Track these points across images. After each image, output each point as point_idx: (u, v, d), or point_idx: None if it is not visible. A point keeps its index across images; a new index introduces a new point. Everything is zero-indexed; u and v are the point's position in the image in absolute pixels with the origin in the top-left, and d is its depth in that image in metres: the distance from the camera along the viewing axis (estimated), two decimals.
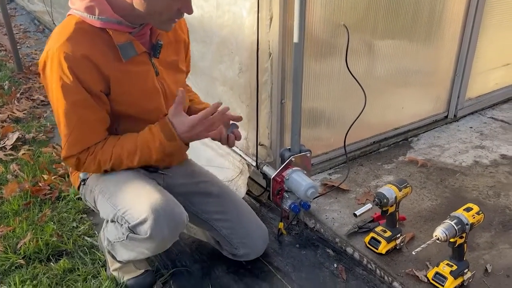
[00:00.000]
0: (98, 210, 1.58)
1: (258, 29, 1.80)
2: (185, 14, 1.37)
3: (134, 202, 1.39)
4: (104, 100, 1.38)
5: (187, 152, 1.83)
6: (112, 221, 1.47)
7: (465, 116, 2.85)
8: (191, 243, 1.93)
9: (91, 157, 1.42)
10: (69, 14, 1.36)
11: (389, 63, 2.29)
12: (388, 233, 1.71)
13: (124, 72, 1.38)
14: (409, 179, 2.17)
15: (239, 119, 1.58)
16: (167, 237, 1.38)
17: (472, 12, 2.49)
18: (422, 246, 1.42)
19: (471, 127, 2.73)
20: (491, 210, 1.96)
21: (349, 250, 1.80)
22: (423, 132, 2.66)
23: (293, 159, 1.83)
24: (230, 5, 1.90)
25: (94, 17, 1.30)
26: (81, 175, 1.60)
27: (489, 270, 1.62)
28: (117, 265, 1.67)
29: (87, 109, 1.35)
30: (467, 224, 1.45)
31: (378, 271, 1.68)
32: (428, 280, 1.57)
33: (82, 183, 1.60)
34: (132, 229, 1.37)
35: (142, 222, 1.34)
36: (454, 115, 2.77)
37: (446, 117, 2.76)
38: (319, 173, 2.22)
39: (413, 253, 1.42)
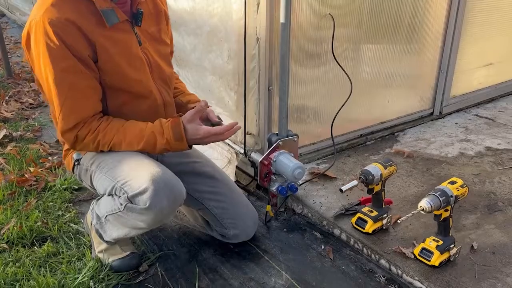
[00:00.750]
0: (94, 188, 1.57)
1: (246, 14, 1.84)
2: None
3: (134, 173, 1.38)
4: (93, 67, 1.37)
5: None
6: (110, 194, 1.46)
7: (450, 113, 2.90)
8: (178, 229, 1.92)
9: (91, 137, 1.40)
10: None
11: (374, 60, 2.34)
12: (375, 213, 1.72)
13: (108, 38, 1.37)
14: None
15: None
16: (165, 208, 1.37)
17: (454, 11, 2.56)
18: (407, 215, 1.43)
19: (456, 123, 2.77)
20: (476, 195, 1.98)
21: (336, 231, 1.80)
22: (409, 128, 2.70)
23: (280, 143, 1.84)
24: None
25: None
26: (75, 155, 1.60)
27: (475, 247, 1.63)
28: (103, 246, 1.65)
29: (77, 75, 1.33)
30: (451, 196, 1.46)
31: (365, 250, 1.68)
32: (415, 256, 1.57)
33: (76, 163, 1.59)
34: (131, 199, 1.36)
35: (141, 192, 1.34)
36: (440, 112, 2.81)
37: (432, 113, 2.80)
38: (307, 163, 2.23)
39: (398, 221, 1.43)
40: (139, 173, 1.37)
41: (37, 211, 2.01)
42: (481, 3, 2.72)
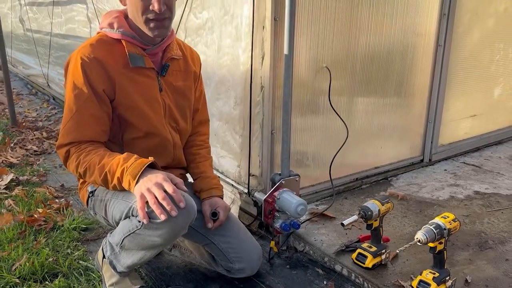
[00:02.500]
0: (107, 219, 1.66)
1: (252, 66, 2.03)
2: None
3: None
4: (105, 101, 1.56)
5: (188, 176, 1.96)
6: (126, 217, 1.55)
7: (439, 160, 3.06)
8: (184, 266, 1.99)
9: (76, 154, 1.52)
10: (97, 33, 1.63)
11: (367, 111, 2.53)
12: (374, 248, 1.81)
13: (130, 79, 1.59)
14: None
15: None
16: (180, 222, 1.44)
17: (438, 69, 2.80)
18: (405, 246, 1.54)
19: (445, 170, 2.93)
20: (468, 234, 2.10)
21: (338, 267, 1.88)
22: (402, 173, 2.84)
23: (283, 182, 1.96)
24: (229, 47, 2.15)
25: (113, 30, 1.58)
26: (89, 188, 1.70)
27: (469, 281, 1.73)
28: (114, 279, 1.71)
29: (87, 104, 1.53)
30: (444, 229, 1.58)
31: (366, 284, 1.76)
32: None
33: (91, 195, 1.69)
34: (149, 214, 1.41)
35: None
36: (429, 159, 2.98)
37: (422, 160, 2.97)
38: (307, 203, 2.34)
39: (397, 251, 1.53)
40: None
41: (47, 249, 2.07)
42: (462, 62, 2.98)
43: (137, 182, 1.40)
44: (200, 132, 1.95)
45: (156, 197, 1.36)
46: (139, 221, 1.48)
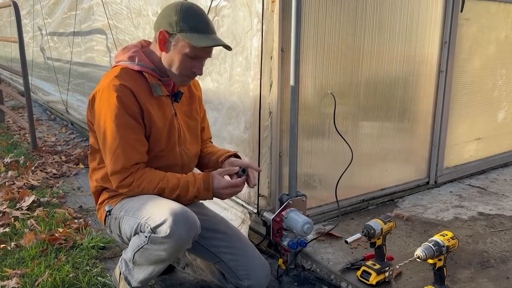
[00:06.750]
0: (121, 237, 1.78)
1: (261, 93, 2.17)
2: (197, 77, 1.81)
3: (155, 209, 1.63)
4: (141, 124, 1.71)
5: None
6: (135, 233, 1.67)
7: (445, 183, 3.14)
8: (196, 283, 2.09)
9: (136, 183, 1.68)
10: (114, 66, 1.76)
11: (372, 135, 2.64)
12: (378, 266, 1.89)
13: (153, 105, 1.73)
14: (396, 230, 2.39)
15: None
16: (183, 236, 1.58)
17: (441, 94, 2.90)
18: (405, 262, 1.62)
19: (450, 191, 3.00)
20: (470, 253, 2.16)
21: (343, 284, 1.96)
22: (408, 195, 2.92)
23: (290, 202, 2.07)
24: (239, 76, 2.30)
25: (134, 63, 1.72)
26: (106, 207, 1.83)
27: None
28: None
29: (129, 130, 1.67)
30: (443, 246, 1.66)
31: None
32: None
33: (108, 213, 1.82)
34: (154, 230, 1.58)
35: (162, 223, 1.57)
36: (435, 181, 3.06)
37: (428, 183, 3.04)
38: (314, 224, 2.42)
39: (397, 266, 1.61)
40: (160, 209, 1.62)
41: (68, 265, 2.19)
42: (465, 87, 3.09)
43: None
44: (207, 142, 2.11)
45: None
46: (146, 237, 1.62)
